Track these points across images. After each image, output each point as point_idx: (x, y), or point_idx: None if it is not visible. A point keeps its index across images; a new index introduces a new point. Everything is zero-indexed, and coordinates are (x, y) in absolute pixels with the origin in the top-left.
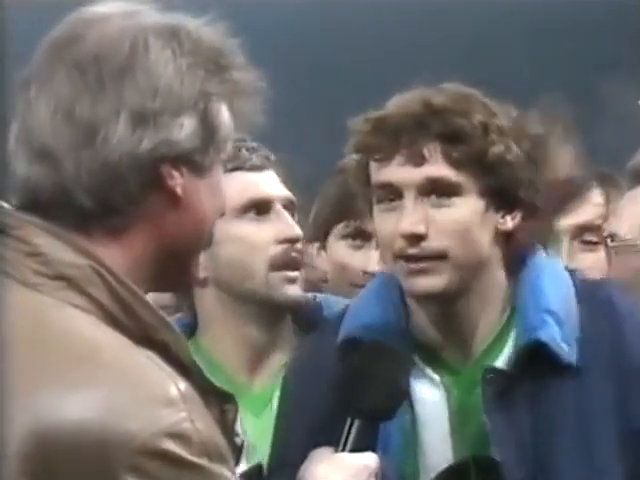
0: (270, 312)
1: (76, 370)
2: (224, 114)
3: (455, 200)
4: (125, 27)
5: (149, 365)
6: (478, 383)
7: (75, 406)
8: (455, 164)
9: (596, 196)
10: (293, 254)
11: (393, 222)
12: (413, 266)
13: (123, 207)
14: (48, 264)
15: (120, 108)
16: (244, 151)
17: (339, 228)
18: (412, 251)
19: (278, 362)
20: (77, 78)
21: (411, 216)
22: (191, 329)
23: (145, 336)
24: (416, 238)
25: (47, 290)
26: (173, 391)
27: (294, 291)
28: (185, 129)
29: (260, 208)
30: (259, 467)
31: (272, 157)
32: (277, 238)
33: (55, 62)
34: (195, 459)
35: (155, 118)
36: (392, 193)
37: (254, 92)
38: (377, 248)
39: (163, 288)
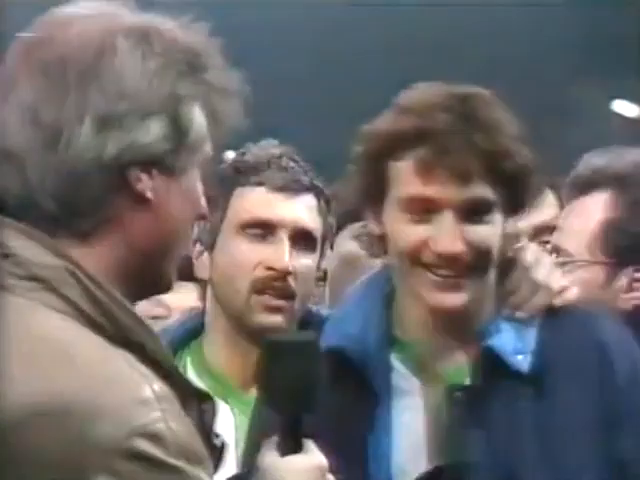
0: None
1: (50, 371)
2: (197, 116)
3: (488, 217)
4: (94, 29)
5: (123, 365)
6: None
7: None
8: (493, 182)
9: (549, 197)
10: (276, 283)
11: (421, 234)
12: (448, 281)
13: (89, 211)
14: (21, 265)
15: (85, 111)
16: (274, 168)
17: (354, 228)
18: (446, 266)
19: None
20: (42, 81)
21: (451, 235)
22: (195, 332)
23: (121, 337)
24: (454, 256)
25: (21, 291)
26: (147, 391)
27: (274, 320)
28: (153, 132)
29: (262, 230)
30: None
31: (315, 182)
32: (264, 264)
33: (22, 65)
34: (172, 460)
35: (120, 121)
36: (427, 206)
37: (232, 93)
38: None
39: (137, 293)
